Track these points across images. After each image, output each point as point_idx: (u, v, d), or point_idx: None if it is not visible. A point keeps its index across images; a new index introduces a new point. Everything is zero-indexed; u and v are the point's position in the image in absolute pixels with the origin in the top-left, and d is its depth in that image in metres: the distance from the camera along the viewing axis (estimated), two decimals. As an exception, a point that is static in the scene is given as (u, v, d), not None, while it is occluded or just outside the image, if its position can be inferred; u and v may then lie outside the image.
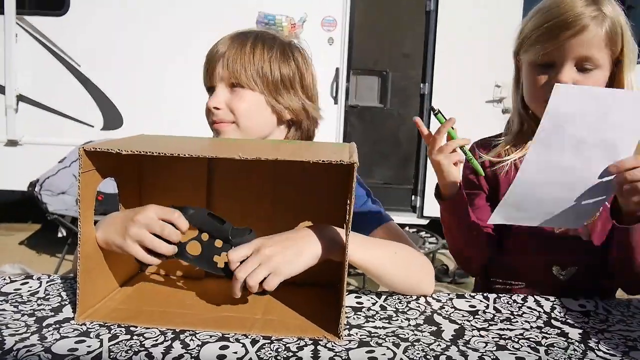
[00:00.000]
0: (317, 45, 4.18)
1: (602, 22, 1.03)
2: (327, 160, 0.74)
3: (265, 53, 1.08)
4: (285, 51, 1.11)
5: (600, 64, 1.05)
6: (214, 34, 1.19)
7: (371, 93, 4.75)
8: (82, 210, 0.82)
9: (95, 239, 0.86)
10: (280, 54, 1.10)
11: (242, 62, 1.07)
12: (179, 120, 3.80)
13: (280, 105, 1.09)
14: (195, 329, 0.80)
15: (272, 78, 1.08)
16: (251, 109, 1.09)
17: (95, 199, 0.86)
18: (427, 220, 4.59)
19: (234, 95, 1.09)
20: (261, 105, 1.09)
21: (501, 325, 0.88)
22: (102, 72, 4.32)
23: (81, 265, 0.82)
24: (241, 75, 1.07)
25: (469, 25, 4.32)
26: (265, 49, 1.09)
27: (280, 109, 1.10)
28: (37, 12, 4.30)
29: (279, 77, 1.09)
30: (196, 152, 0.78)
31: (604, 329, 0.88)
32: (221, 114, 1.09)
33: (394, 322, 0.86)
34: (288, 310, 0.88)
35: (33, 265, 3.71)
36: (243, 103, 1.08)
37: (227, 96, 1.09)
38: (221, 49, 1.09)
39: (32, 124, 4.32)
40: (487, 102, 4.33)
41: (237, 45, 1.09)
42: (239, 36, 1.11)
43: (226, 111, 1.09)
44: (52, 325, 0.80)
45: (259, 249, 0.82)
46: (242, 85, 1.07)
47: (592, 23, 1.02)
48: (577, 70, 1.05)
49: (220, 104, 1.08)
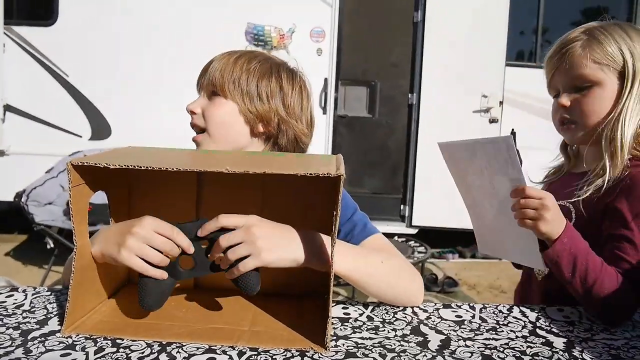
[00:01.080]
0: (305, 56, 4.22)
1: (587, 42, 1.08)
2: (315, 173, 0.75)
3: (246, 64, 1.11)
4: (270, 67, 1.13)
5: (596, 80, 1.08)
6: (203, 45, 1.21)
7: (360, 103, 4.78)
8: (76, 224, 0.81)
9: (90, 253, 0.86)
10: (262, 68, 1.11)
11: (222, 72, 1.10)
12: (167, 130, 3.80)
13: (252, 115, 1.10)
14: (181, 341, 0.80)
15: (247, 88, 1.10)
16: (223, 117, 1.10)
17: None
18: (416, 230, 4.61)
19: (210, 102, 1.12)
20: (233, 114, 1.10)
21: (487, 335, 0.89)
22: (90, 82, 4.32)
23: (74, 278, 0.82)
24: (218, 82, 1.10)
25: (456, 36, 4.37)
26: (247, 61, 1.11)
27: (252, 119, 1.10)
28: (25, 22, 4.29)
29: (255, 88, 1.10)
30: (184, 166, 0.78)
31: (588, 338, 0.89)
32: (195, 118, 1.13)
33: (381, 333, 0.87)
34: (275, 322, 0.88)
35: (19, 276, 3.67)
36: (215, 110, 1.11)
37: (204, 103, 1.13)
38: (212, 61, 1.13)
39: (19, 133, 4.30)
40: (474, 112, 4.37)
41: (225, 57, 1.12)
42: (233, 51, 1.15)
43: (199, 117, 1.12)
44: (38, 339, 0.79)
45: (249, 226, 0.81)
46: (219, 93, 1.10)
47: (575, 45, 1.09)
48: (575, 91, 1.11)
49: (195, 108, 1.12)
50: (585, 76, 1.08)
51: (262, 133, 1.13)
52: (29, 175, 3.88)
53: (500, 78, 4.33)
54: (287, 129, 1.13)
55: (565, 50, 1.10)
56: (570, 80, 1.11)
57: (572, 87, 1.11)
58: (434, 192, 4.46)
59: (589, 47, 1.08)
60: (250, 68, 1.11)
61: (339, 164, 0.84)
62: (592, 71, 1.08)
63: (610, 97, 1.08)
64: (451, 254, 4.70)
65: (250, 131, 1.12)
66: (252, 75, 1.10)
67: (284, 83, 1.13)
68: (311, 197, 0.94)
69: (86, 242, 0.84)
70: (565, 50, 1.10)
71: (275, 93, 1.11)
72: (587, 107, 1.10)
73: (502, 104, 4.36)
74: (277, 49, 4.25)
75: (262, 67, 1.12)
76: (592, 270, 0.96)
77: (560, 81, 1.13)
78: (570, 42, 1.10)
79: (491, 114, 4.36)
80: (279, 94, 1.12)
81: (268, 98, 1.11)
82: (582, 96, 1.10)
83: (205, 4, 4.22)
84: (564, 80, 1.12)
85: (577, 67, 1.09)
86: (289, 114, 1.13)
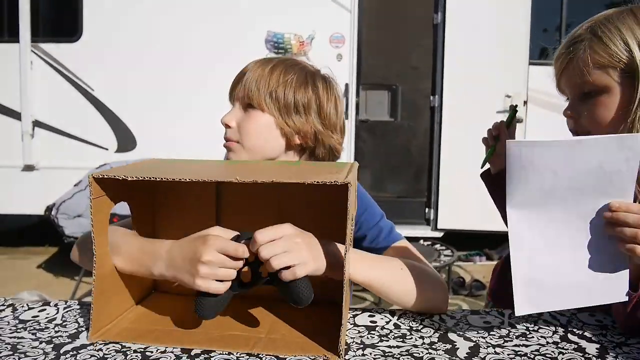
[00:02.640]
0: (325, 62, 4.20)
1: (590, 43, 0.95)
2: (322, 182, 0.76)
3: (282, 76, 1.09)
4: (305, 77, 1.11)
5: (601, 87, 0.94)
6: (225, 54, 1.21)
7: (381, 107, 4.76)
8: (96, 235, 0.84)
9: (112, 263, 0.89)
10: (298, 78, 1.10)
11: (257, 83, 1.08)
12: (192, 142, 3.85)
13: (289, 128, 1.09)
14: (200, 347, 0.82)
15: (284, 101, 1.08)
16: (258, 130, 1.09)
17: (111, 221, 0.89)
18: (442, 233, 4.57)
19: (246, 115, 1.10)
20: (270, 127, 1.09)
21: (516, 341, 0.87)
22: (115, 95, 4.40)
23: (96, 287, 0.85)
24: (254, 95, 1.08)
25: (477, 36, 4.33)
26: (283, 72, 1.09)
27: (289, 132, 1.09)
28: (51, 39, 4.40)
29: (292, 100, 1.08)
30: (197, 176, 0.80)
31: (622, 343, 0.87)
32: (229, 132, 1.11)
33: (408, 341, 0.86)
34: (292, 330, 0.89)
35: (51, 288, 3.74)
36: (251, 124, 1.09)
37: (239, 115, 1.11)
38: (246, 70, 1.12)
39: (47, 148, 4.39)
40: (498, 113, 4.31)
41: (259, 67, 1.10)
42: (266, 59, 1.13)
43: (235, 130, 1.10)
44: (70, 352, 0.81)
45: (289, 235, 0.80)
46: (255, 106, 1.09)
47: (579, 46, 0.97)
48: (581, 99, 0.99)
49: (230, 121, 1.11)
50: (589, 83, 0.95)
51: (297, 145, 1.12)
52: (58, 189, 3.97)
53: (524, 77, 4.27)
54: (324, 139, 1.12)
55: (569, 51, 0.98)
56: (574, 87, 1.00)
57: (577, 94, 1.00)
58: (458, 194, 4.41)
59: (591, 49, 0.94)
60: (287, 80, 1.09)
61: (350, 171, 0.84)
62: (596, 77, 0.94)
63: (620, 103, 0.93)
64: (478, 257, 4.64)
65: (287, 144, 1.11)
66: (289, 87, 1.08)
67: (320, 93, 1.11)
68: (327, 206, 0.94)
69: (106, 251, 0.87)
70: (569, 51, 0.98)
71: (312, 104, 1.10)
72: (595, 117, 0.96)
73: (527, 104, 4.30)
74: (297, 56, 4.26)
75: (299, 77, 1.10)
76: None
77: (567, 86, 1.03)
78: (574, 42, 0.98)
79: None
80: (315, 104, 1.11)
81: (305, 110, 1.09)
82: (588, 105, 0.97)
83: (224, 14, 4.26)
84: (569, 87, 1.02)
85: (580, 74, 0.96)
86: (325, 125, 1.12)
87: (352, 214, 0.82)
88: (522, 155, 0.77)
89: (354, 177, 0.85)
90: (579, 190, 0.79)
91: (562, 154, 0.77)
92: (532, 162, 0.78)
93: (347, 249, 0.80)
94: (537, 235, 0.81)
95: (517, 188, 0.80)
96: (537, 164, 0.78)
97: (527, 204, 0.80)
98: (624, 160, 0.76)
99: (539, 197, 0.80)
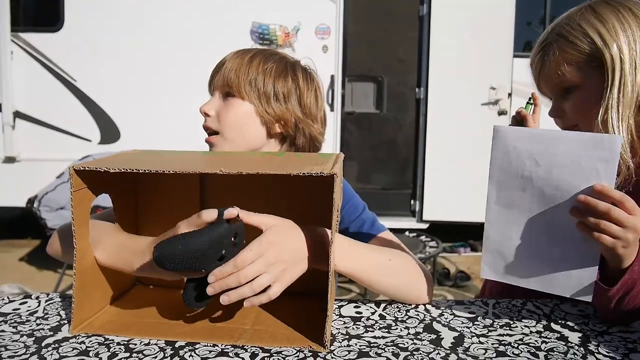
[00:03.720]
0: (311, 53, 4.20)
1: (558, 44, 0.99)
2: (308, 173, 0.75)
3: (262, 65, 1.09)
4: (285, 66, 1.11)
5: (575, 83, 0.99)
6: (209, 46, 1.20)
7: (367, 99, 4.76)
8: (76, 227, 0.83)
9: (93, 256, 0.88)
10: (278, 68, 1.10)
11: (237, 72, 1.08)
12: (176, 132, 3.82)
13: (269, 116, 1.08)
14: (184, 339, 0.81)
15: (264, 89, 1.08)
16: (238, 119, 1.08)
17: (94, 212, 0.88)
18: (427, 224, 4.59)
19: (225, 104, 1.10)
20: (250, 116, 1.09)
21: (501, 330, 0.88)
22: (98, 86, 4.34)
23: (77, 280, 0.84)
24: (233, 83, 1.07)
25: (462, 28, 4.34)
26: (262, 61, 1.09)
27: (269, 120, 1.09)
28: (31, 29, 4.32)
29: (272, 88, 1.08)
30: (181, 168, 0.79)
31: (604, 332, 0.88)
32: (209, 121, 1.10)
33: (394, 332, 0.86)
34: (277, 321, 0.89)
35: (33, 282, 3.70)
36: (230, 112, 1.09)
37: (218, 104, 1.10)
38: (224, 60, 1.11)
39: (29, 140, 4.33)
40: (483, 105, 4.34)
41: (238, 57, 1.10)
42: (245, 50, 1.13)
43: (214, 119, 1.10)
44: (52, 345, 0.79)
45: (265, 251, 0.78)
46: (234, 94, 1.08)
47: (548, 49, 1.01)
48: (561, 97, 1.03)
49: (210, 110, 1.10)
50: (565, 82, 1.00)
51: (278, 134, 1.12)
52: (41, 181, 3.91)
53: (509, 69, 4.30)
54: (304, 128, 1.12)
55: (541, 55, 1.03)
56: (553, 88, 1.04)
57: (557, 94, 1.04)
58: (444, 186, 4.44)
59: (560, 49, 0.99)
60: (267, 68, 1.09)
61: (335, 162, 0.84)
62: (570, 74, 0.99)
63: (596, 93, 0.96)
64: (463, 248, 4.68)
65: (267, 132, 1.11)
66: (269, 76, 1.08)
67: (300, 83, 1.11)
68: (314, 197, 0.94)
69: (87, 244, 0.86)
70: (541, 55, 1.03)
71: (292, 93, 1.10)
72: (578, 111, 1.01)
73: (511, 96, 4.33)
74: (283, 47, 4.24)
75: (278, 66, 1.10)
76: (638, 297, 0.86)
77: (546, 89, 1.07)
78: (544, 46, 1.03)
79: (500, 106, 4.33)
80: (295, 94, 1.10)
81: (285, 98, 1.09)
82: (569, 101, 1.01)
83: (210, 5, 4.22)
84: (548, 89, 1.06)
85: (555, 75, 1.01)
86: (306, 114, 1.12)
87: (338, 205, 0.82)
88: (507, 140, 0.83)
89: (340, 168, 0.85)
90: (556, 182, 0.81)
91: (545, 144, 0.81)
92: (515, 147, 0.83)
93: (332, 240, 0.79)
94: (511, 216, 0.86)
95: (499, 169, 0.85)
96: (520, 150, 0.82)
97: (506, 186, 0.85)
98: (601, 160, 0.78)
99: (518, 182, 0.84)
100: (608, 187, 0.78)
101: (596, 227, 0.79)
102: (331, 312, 0.81)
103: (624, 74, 0.94)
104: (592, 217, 0.79)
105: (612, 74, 0.94)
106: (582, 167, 0.79)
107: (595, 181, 0.79)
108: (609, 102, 0.94)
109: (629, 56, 0.94)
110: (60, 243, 0.98)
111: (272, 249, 0.79)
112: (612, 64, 0.94)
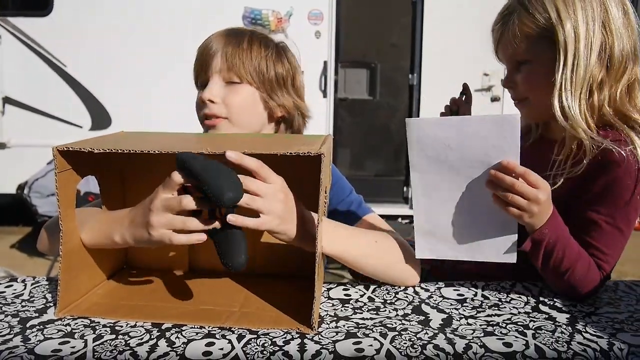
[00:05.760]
0: (304, 38, 4.17)
1: (519, 14, 0.99)
2: (295, 153, 0.74)
3: (262, 51, 1.10)
4: (279, 51, 1.13)
5: (529, 56, 1.01)
6: (200, 30, 1.18)
7: (360, 85, 4.73)
8: (62, 209, 0.82)
9: (79, 238, 0.86)
10: (276, 53, 1.12)
11: (241, 57, 1.07)
12: (167, 118, 3.78)
13: (273, 102, 1.11)
14: (172, 322, 0.80)
15: (267, 75, 1.10)
16: (245, 104, 1.09)
17: (86, 200, 0.86)
18: (420, 211, 4.59)
19: (229, 89, 1.08)
20: (255, 101, 1.10)
21: (489, 311, 0.88)
22: (88, 72, 4.28)
23: (63, 262, 0.83)
24: (240, 69, 1.07)
25: (455, 14, 4.31)
26: (262, 47, 1.10)
27: (273, 106, 1.11)
28: (20, 13, 4.25)
29: (274, 75, 1.10)
30: (168, 149, 0.78)
31: (592, 312, 0.88)
32: (215, 108, 1.07)
33: (382, 313, 0.86)
34: (265, 304, 0.88)
35: (24, 268, 3.68)
36: (238, 97, 1.08)
37: (222, 90, 1.08)
38: (216, 44, 1.09)
39: (19, 126, 4.28)
40: (476, 91, 4.33)
41: (234, 42, 1.09)
42: (234, 33, 1.12)
43: (221, 105, 1.07)
44: (36, 327, 0.79)
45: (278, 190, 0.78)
46: (238, 80, 1.08)
47: (509, 17, 1.01)
48: (516, 67, 1.04)
49: (215, 97, 1.07)
50: (520, 54, 1.01)
51: (279, 117, 1.14)
52: (31, 167, 3.88)
53: (501, 56, 4.28)
54: (300, 109, 1.15)
55: (502, 23, 1.04)
56: (509, 58, 1.05)
57: (512, 65, 1.05)
58: (436, 172, 4.44)
59: (519, 20, 0.99)
60: (268, 54, 1.10)
61: (324, 143, 0.83)
62: (525, 47, 1.00)
63: (548, 68, 0.97)
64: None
65: (269, 116, 1.13)
66: (270, 61, 1.10)
67: (293, 65, 1.14)
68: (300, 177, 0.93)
69: (73, 226, 0.85)
70: (502, 23, 1.04)
71: (289, 77, 1.13)
72: (529, 84, 1.03)
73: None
74: (275, 32, 4.20)
75: (273, 50, 1.12)
76: (567, 259, 0.91)
77: (503, 57, 1.08)
78: (506, 14, 1.03)
79: (493, 92, 4.32)
80: (290, 76, 1.13)
81: (284, 83, 1.12)
82: (523, 73, 1.03)
83: (201, -11, 4.17)
84: (504, 58, 1.07)
85: (511, 45, 1.02)
86: (299, 95, 1.15)
87: (326, 186, 0.81)
88: (420, 131, 0.89)
89: (328, 148, 0.84)
90: (469, 162, 0.88)
91: (454, 130, 0.87)
92: (428, 135, 0.89)
93: (320, 220, 0.79)
94: (434, 197, 0.93)
95: (417, 156, 0.91)
96: (432, 138, 0.88)
97: (426, 170, 0.91)
98: (504, 137, 0.84)
99: (435, 166, 0.90)
100: (513, 163, 0.84)
101: (505, 199, 0.86)
102: (319, 293, 0.81)
103: (577, 54, 0.94)
104: (501, 191, 0.85)
105: (564, 53, 0.95)
106: (490, 146, 0.85)
107: (502, 157, 0.84)
108: (561, 80, 0.95)
109: (585, 36, 0.94)
110: (47, 237, 0.97)
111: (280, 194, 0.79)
112: (564, 42, 0.94)
